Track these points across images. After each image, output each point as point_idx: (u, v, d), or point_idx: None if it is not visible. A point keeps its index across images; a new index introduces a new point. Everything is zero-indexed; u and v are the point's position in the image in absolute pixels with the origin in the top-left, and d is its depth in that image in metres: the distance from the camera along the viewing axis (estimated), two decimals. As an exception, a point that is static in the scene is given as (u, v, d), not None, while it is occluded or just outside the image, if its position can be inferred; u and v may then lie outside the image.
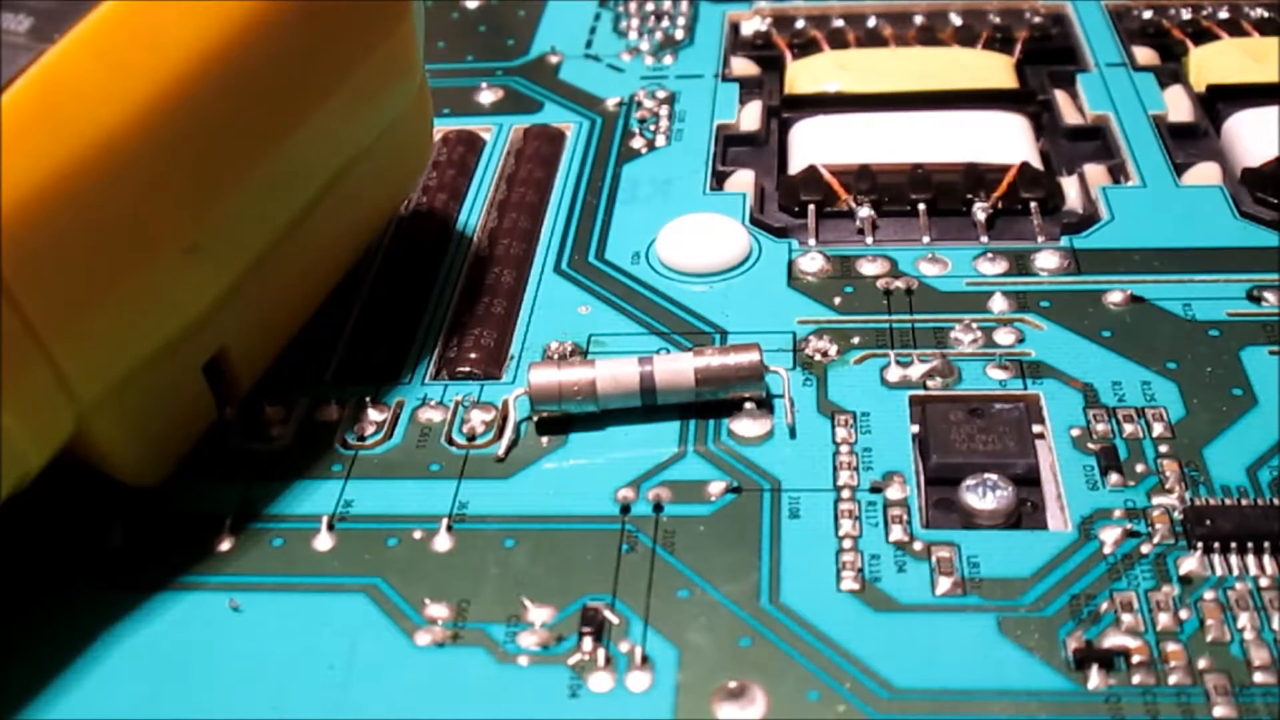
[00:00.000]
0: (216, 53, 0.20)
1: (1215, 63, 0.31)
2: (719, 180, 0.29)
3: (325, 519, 0.21)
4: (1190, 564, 0.19)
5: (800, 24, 0.35)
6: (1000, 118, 0.30)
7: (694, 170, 0.29)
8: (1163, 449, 0.21)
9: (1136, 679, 0.18)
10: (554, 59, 0.34)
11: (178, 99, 0.19)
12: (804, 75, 0.32)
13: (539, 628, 0.19)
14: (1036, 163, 0.28)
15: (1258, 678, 0.18)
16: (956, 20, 0.34)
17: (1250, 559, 0.19)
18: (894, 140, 0.29)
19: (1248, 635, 0.18)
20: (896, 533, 0.20)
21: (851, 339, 0.24)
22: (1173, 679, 0.18)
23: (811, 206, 0.27)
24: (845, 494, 0.21)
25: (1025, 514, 0.21)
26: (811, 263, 0.26)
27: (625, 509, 0.21)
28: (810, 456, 0.22)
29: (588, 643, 0.19)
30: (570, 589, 0.20)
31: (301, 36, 0.21)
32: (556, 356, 0.24)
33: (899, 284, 0.25)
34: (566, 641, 0.19)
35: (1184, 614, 0.19)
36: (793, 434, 0.22)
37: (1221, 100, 0.30)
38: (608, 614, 0.19)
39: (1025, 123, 0.30)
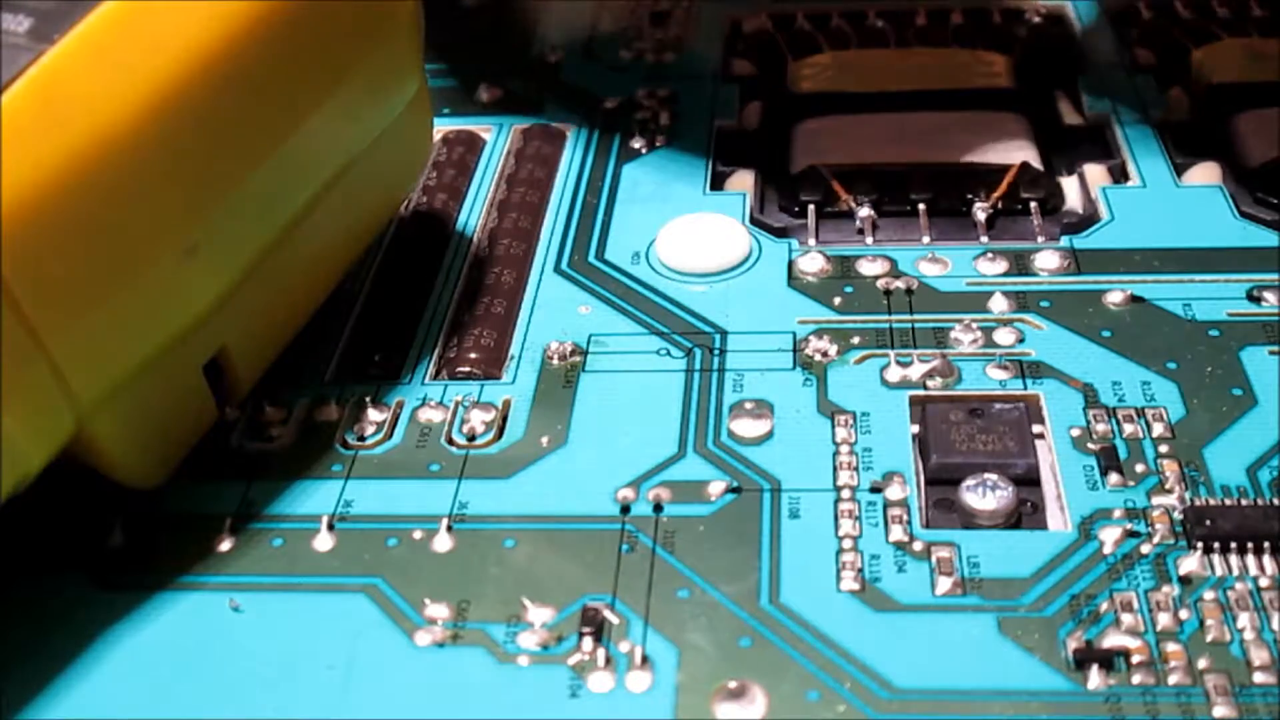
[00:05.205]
0: (216, 53, 0.20)
1: (1216, 63, 0.31)
2: (719, 180, 0.29)
3: (325, 519, 0.21)
4: (1190, 564, 0.19)
5: (800, 24, 0.35)
6: (1000, 118, 0.30)
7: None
8: (1163, 449, 0.21)
9: (1136, 679, 0.18)
10: (554, 59, 0.34)
11: (177, 99, 0.19)
12: (804, 75, 0.32)
13: (539, 628, 0.19)
14: (1036, 163, 0.28)
15: (1258, 678, 0.18)
16: (956, 20, 0.34)
17: (1250, 559, 0.19)
18: (894, 140, 0.29)
19: (1248, 635, 0.18)
20: (896, 533, 0.20)
21: (851, 339, 0.24)
22: (1173, 679, 0.18)
23: (811, 206, 0.27)
24: (845, 494, 0.21)
25: (1025, 514, 0.21)
26: (811, 263, 0.26)
27: (625, 509, 0.21)
28: (810, 456, 0.22)
29: (588, 643, 0.19)
30: (570, 589, 0.20)
31: (301, 36, 0.21)
32: (556, 356, 0.24)
33: (899, 284, 0.25)
34: (566, 641, 0.19)
35: (1184, 614, 0.19)
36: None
37: (1222, 100, 0.30)
38: (608, 614, 0.19)
39: (1025, 123, 0.30)
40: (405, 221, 0.28)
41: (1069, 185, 0.28)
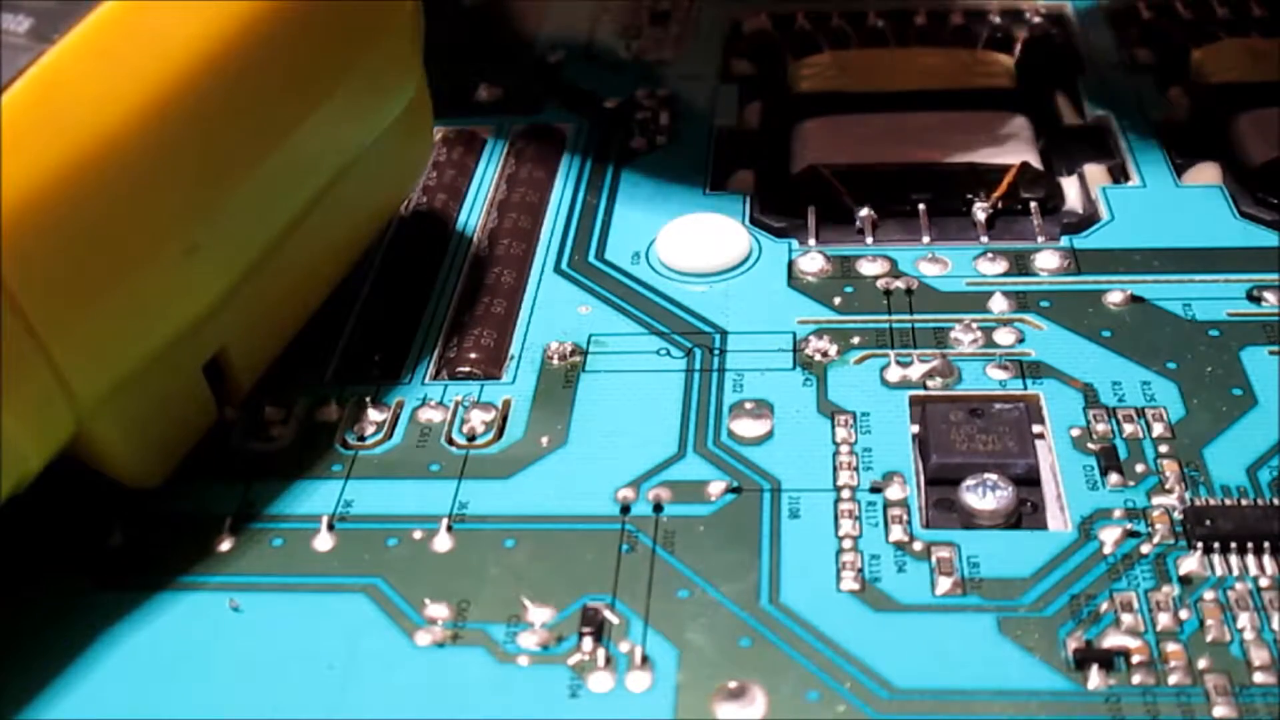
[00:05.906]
0: (217, 53, 0.20)
1: (1216, 63, 0.31)
2: (719, 180, 0.29)
3: (325, 519, 0.21)
4: (1190, 564, 0.19)
5: (800, 24, 0.35)
6: (1000, 118, 0.30)
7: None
8: (1163, 449, 0.21)
9: (1136, 679, 0.18)
10: (554, 59, 0.34)
11: (178, 99, 0.19)
12: (804, 75, 0.32)
13: (539, 628, 0.19)
14: (1036, 163, 0.28)
15: (1258, 678, 0.18)
16: (956, 20, 0.34)
17: (1250, 559, 0.19)
18: (894, 140, 0.29)
19: (1248, 635, 0.18)
20: (896, 533, 0.20)
21: (851, 339, 0.24)
22: (1173, 679, 0.18)
23: (811, 206, 0.27)
24: (845, 494, 0.21)
25: (1025, 514, 0.21)
26: (811, 263, 0.26)
27: (625, 509, 0.21)
28: (810, 456, 0.22)
29: (588, 643, 0.19)
30: (570, 589, 0.20)
31: (302, 36, 0.21)
32: (556, 357, 0.24)
33: (899, 284, 0.25)
34: (566, 641, 0.19)
35: (1184, 614, 0.19)
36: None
37: (1222, 100, 0.30)
38: (608, 614, 0.19)
39: (1025, 123, 0.30)
40: (405, 221, 0.28)
41: (1069, 185, 0.28)
